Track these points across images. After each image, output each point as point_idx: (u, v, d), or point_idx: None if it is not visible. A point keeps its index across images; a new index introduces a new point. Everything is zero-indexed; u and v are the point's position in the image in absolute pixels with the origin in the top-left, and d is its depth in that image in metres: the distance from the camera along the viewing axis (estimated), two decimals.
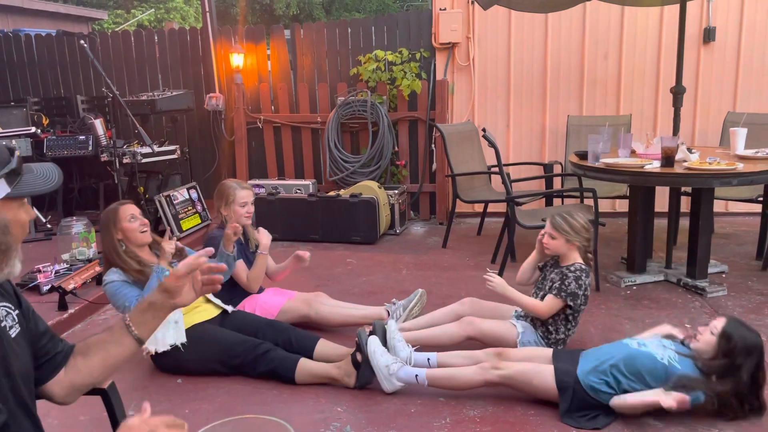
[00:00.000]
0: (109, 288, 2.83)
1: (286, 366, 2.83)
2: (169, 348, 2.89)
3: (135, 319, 1.44)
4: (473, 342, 2.97)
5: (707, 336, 2.49)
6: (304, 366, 2.83)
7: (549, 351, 2.72)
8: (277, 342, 2.97)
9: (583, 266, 2.92)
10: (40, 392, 1.45)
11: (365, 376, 2.75)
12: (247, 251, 3.44)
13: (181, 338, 2.91)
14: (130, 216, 2.86)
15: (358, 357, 2.75)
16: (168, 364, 2.98)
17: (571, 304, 2.85)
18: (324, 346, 2.99)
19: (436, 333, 3.04)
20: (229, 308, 3.19)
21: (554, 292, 2.87)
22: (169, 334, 2.88)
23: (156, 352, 2.93)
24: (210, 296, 3.15)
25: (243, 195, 3.33)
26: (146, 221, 2.94)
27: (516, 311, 3.10)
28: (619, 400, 2.45)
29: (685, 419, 2.43)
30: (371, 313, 3.33)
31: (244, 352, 2.87)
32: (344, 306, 3.46)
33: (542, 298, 2.92)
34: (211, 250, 1.49)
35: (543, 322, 2.94)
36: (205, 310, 3.09)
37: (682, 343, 2.60)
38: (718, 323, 2.50)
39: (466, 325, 2.98)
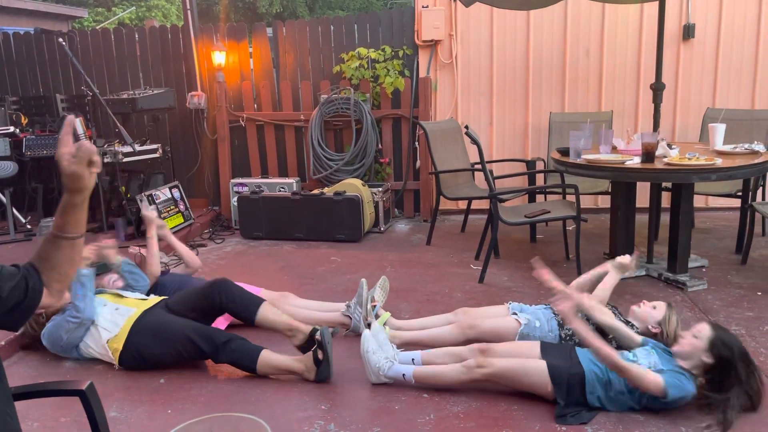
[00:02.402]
0: (53, 327, 3.09)
1: (248, 357, 2.85)
2: (125, 320, 3.00)
3: (58, 224, 1.37)
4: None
5: (691, 339, 2.46)
6: (266, 358, 2.85)
7: (537, 344, 2.70)
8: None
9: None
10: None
11: (323, 374, 2.79)
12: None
13: (133, 310, 3.05)
14: None
15: (320, 355, 2.78)
16: (130, 357, 2.98)
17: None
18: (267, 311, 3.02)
19: (435, 335, 3.04)
20: (164, 298, 3.30)
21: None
22: (118, 318, 3.03)
23: (120, 357, 2.98)
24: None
25: None
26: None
27: (510, 302, 3.10)
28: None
29: (669, 414, 2.46)
30: (334, 317, 3.36)
31: (205, 342, 2.87)
32: (309, 307, 3.48)
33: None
34: None
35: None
36: (141, 302, 3.18)
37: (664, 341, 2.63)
38: (703, 329, 2.47)
39: (467, 329, 2.98)
